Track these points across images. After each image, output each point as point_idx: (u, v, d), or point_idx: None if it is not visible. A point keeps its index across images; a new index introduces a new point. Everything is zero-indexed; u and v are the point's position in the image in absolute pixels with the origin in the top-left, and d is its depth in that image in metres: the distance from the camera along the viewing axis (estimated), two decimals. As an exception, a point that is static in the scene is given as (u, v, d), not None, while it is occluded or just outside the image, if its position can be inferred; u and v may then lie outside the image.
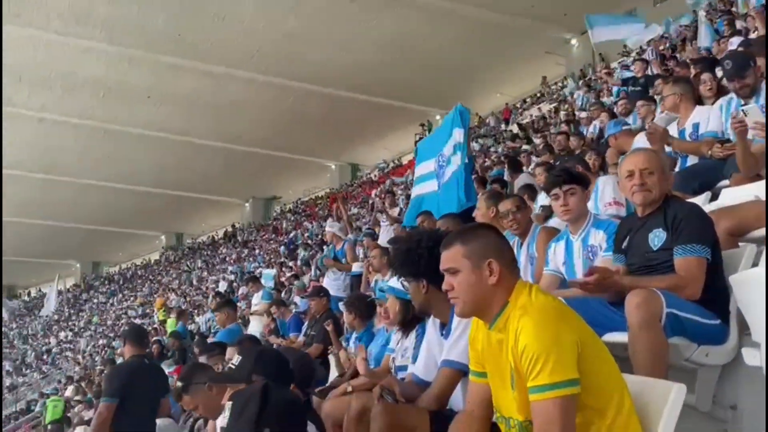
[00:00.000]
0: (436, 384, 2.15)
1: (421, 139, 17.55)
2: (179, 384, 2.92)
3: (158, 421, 4.69)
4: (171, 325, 12.09)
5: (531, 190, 5.08)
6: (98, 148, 26.83)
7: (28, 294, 41.57)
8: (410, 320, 2.78)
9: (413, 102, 23.94)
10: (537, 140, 11.27)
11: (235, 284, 19.53)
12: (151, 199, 31.26)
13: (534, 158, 8.46)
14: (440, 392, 2.12)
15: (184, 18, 19.67)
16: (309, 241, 18.82)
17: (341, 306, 5.61)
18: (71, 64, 21.68)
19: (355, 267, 6.40)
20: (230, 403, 1.76)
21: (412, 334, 2.78)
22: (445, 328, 2.29)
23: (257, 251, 24.94)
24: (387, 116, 24.70)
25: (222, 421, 1.97)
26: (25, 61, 21.79)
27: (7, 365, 30.70)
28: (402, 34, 19.77)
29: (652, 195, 2.24)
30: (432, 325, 2.44)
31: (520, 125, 17.50)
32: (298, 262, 15.59)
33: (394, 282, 3.11)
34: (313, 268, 12.29)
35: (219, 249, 30.24)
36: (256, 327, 7.48)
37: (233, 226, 32.13)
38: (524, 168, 7.57)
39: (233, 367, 2.24)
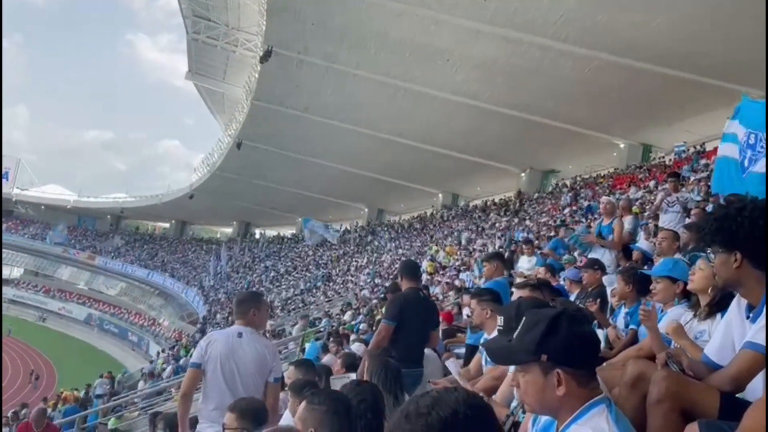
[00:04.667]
0: (734, 365, 1.93)
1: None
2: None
3: (426, 350, 5.13)
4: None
5: None
6: (397, 106, 29.34)
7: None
8: (717, 302, 2.53)
9: (730, 80, 20.72)
10: None
11: (500, 249, 19.85)
12: (435, 157, 33.12)
13: None
14: (738, 374, 1.90)
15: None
16: (582, 219, 18.08)
17: (605, 279, 5.36)
18: (384, 25, 23.88)
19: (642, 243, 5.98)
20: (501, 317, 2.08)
21: (711, 318, 2.54)
22: (753, 310, 2.03)
23: (527, 222, 24.88)
24: (694, 94, 21.82)
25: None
26: (347, 22, 24.73)
27: (302, 284, 36.33)
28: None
29: None
30: (736, 305, 2.19)
31: None
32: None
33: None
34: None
35: (489, 214, 30.91)
36: (522, 290, 7.54)
37: (519, 192, 32.24)
38: None
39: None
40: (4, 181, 60.76)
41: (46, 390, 27.18)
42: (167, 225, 62.92)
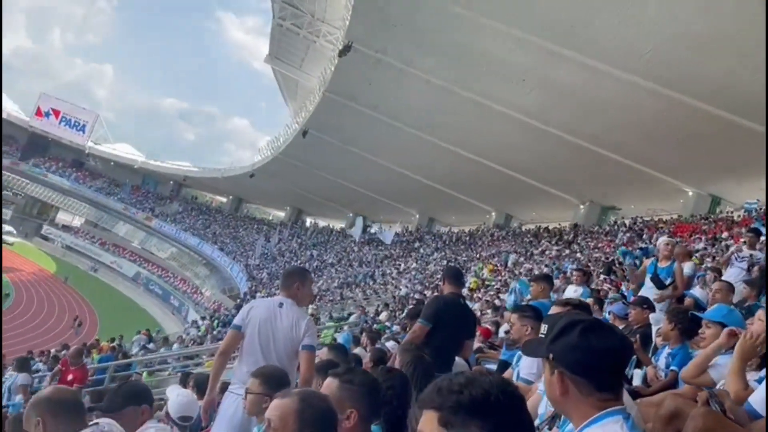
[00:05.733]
0: (778, 415, 1.88)
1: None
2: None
3: (457, 358, 5.09)
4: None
5: None
6: (465, 118, 29.17)
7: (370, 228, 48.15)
8: None
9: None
10: None
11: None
12: (495, 175, 32.74)
13: None
14: (782, 425, 1.85)
15: (582, 10, 19.78)
16: (636, 261, 17.55)
17: (651, 318, 5.23)
18: (466, 37, 23.85)
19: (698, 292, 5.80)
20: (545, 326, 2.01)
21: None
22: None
23: (579, 254, 24.36)
24: (777, 153, 20.90)
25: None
26: (431, 28, 24.83)
27: (342, 278, 36.64)
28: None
29: None
30: (790, 358, 2.12)
31: None
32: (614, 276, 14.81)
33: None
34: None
35: (541, 241, 30.41)
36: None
37: (575, 225, 31.47)
38: None
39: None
40: (80, 134, 63.78)
41: (86, 337, 28.35)
42: (224, 199, 64.56)
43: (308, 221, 57.91)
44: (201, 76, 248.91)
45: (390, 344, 7.26)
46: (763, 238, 10.29)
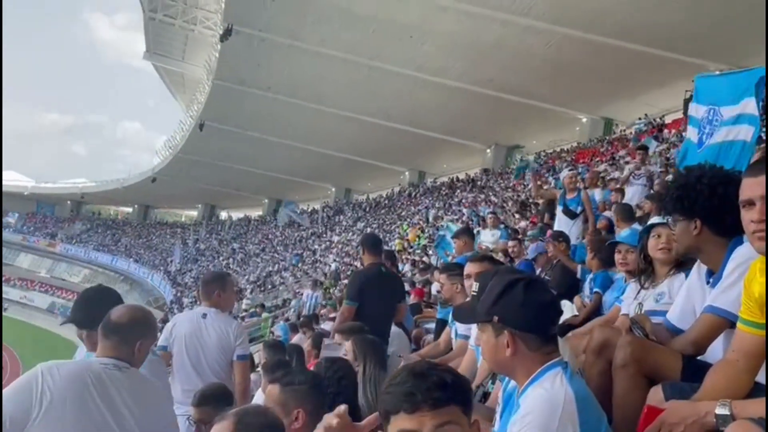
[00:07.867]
0: (694, 329, 1.99)
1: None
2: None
3: (393, 328, 5.09)
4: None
5: None
6: (361, 83, 29.08)
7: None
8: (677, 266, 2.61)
9: (689, 53, 21.11)
10: None
11: (468, 223, 19.98)
12: (401, 135, 33.04)
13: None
14: (698, 338, 1.96)
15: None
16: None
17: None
18: (348, 0, 23.57)
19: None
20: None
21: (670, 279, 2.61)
22: (713, 276, 2.09)
23: (493, 197, 25.12)
24: (655, 68, 22.15)
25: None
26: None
27: (270, 266, 36.10)
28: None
29: None
30: (696, 271, 2.25)
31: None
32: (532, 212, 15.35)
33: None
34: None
35: (456, 191, 31.09)
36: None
37: (485, 170, 32.34)
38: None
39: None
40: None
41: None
42: (130, 210, 61.55)
43: (223, 215, 56.34)
44: (80, 85, 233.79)
45: (328, 326, 7.22)
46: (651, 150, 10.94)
